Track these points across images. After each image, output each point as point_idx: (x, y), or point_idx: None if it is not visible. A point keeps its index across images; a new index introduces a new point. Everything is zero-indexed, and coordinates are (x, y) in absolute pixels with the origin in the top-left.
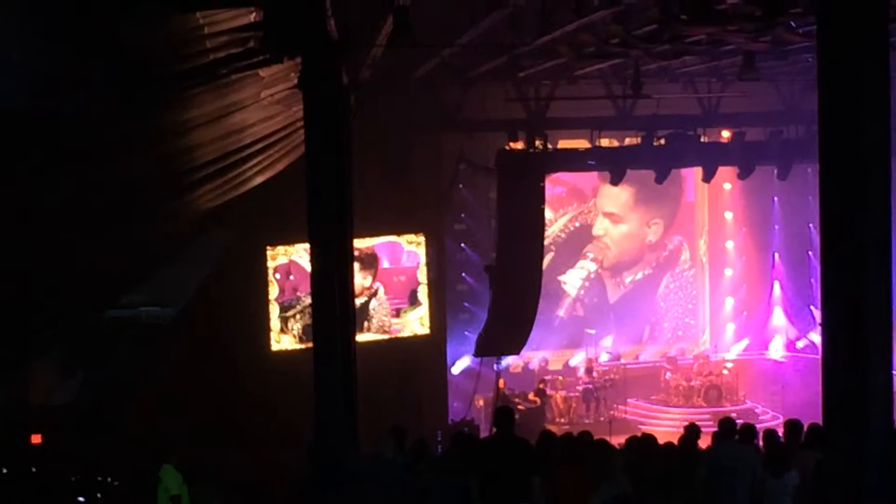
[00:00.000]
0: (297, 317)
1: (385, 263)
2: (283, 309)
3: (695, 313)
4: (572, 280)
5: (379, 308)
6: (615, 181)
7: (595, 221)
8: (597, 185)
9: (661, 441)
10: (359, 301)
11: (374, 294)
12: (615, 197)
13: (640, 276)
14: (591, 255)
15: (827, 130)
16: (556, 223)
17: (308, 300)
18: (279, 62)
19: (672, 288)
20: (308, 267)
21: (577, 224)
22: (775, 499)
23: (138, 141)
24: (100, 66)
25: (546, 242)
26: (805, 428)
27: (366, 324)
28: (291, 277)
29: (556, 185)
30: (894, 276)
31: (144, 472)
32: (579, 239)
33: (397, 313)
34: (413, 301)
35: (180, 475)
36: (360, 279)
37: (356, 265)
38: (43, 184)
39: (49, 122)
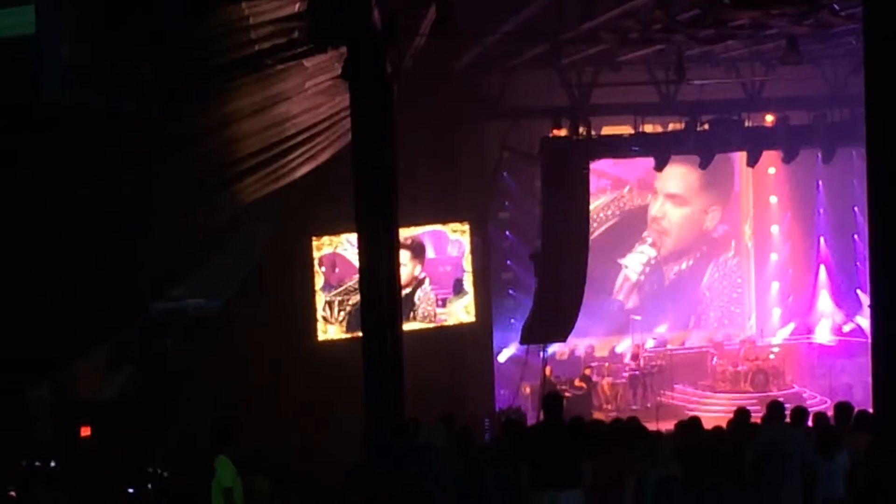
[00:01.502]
0: (344, 306)
1: (430, 253)
2: (329, 299)
3: (740, 300)
4: (633, 265)
5: (424, 298)
6: (659, 167)
7: (653, 202)
8: (642, 176)
9: (709, 426)
10: (405, 291)
11: (421, 284)
12: (681, 178)
13: (684, 265)
14: (649, 240)
15: (873, 113)
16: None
17: (354, 290)
18: (323, 52)
19: (717, 277)
20: (353, 258)
21: (625, 206)
22: (827, 481)
23: (184, 135)
24: (146, 60)
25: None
26: (854, 412)
27: (411, 314)
28: (337, 270)
29: (600, 177)
30: None
31: (195, 464)
32: (634, 222)
33: (443, 303)
34: (458, 290)
35: (234, 467)
36: (410, 268)
37: (406, 254)
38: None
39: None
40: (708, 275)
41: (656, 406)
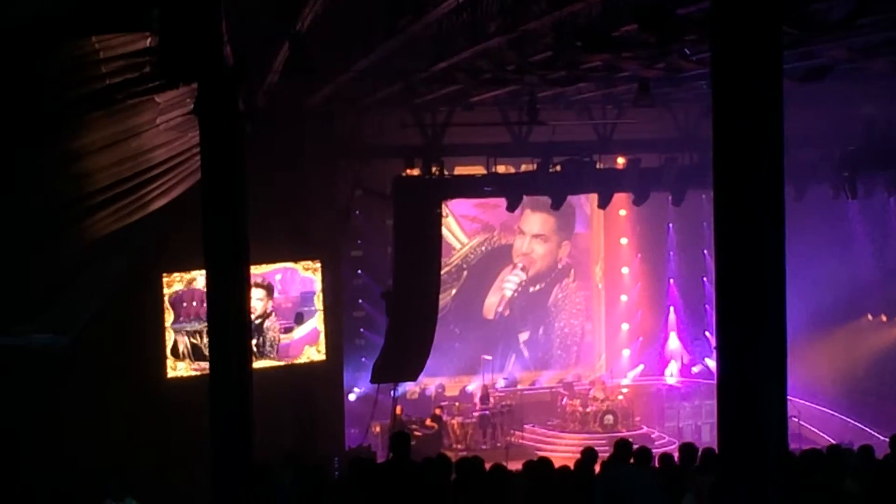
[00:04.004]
0: (190, 340)
1: (277, 291)
2: (177, 332)
3: (588, 336)
4: (509, 285)
5: (270, 326)
6: (512, 208)
7: (521, 240)
8: (505, 219)
9: (558, 466)
10: (254, 322)
11: (268, 315)
12: (543, 222)
13: (538, 287)
14: (520, 265)
15: (720, 157)
16: (466, 246)
17: (202, 324)
18: (175, 88)
19: (560, 297)
20: None
21: (488, 247)
22: None
23: (31, 168)
24: None
25: (458, 264)
26: (700, 452)
27: (259, 339)
28: (195, 303)
29: (471, 222)
30: (788, 303)
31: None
32: (496, 259)
33: (287, 331)
34: (298, 320)
35: None
36: (263, 304)
37: (260, 292)
38: None
39: None
40: (553, 295)
41: (506, 446)
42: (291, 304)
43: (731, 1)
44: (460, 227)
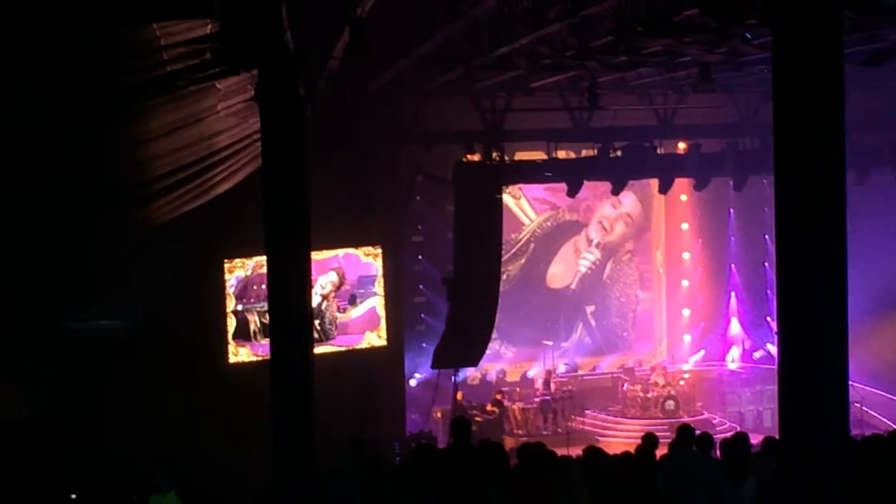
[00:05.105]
0: (260, 320)
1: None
2: (248, 311)
3: (650, 322)
4: (584, 262)
5: (328, 307)
6: (572, 193)
7: (592, 222)
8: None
9: (619, 452)
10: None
11: (327, 297)
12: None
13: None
14: (595, 241)
15: (782, 142)
16: (534, 222)
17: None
18: (236, 74)
19: (615, 270)
20: None
21: (553, 223)
22: None
23: (96, 154)
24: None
25: (528, 238)
26: (761, 439)
27: (316, 322)
28: (264, 286)
29: (541, 203)
30: (850, 288)
31: (106, 486)
32: (561, 234)
33: (343, 310)
34: (352, 302)
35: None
36: (331, 289)
37: (334, 275)
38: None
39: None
40: (608, 271)
41: (567, 431)
42: (349, 286)
43: None
44: (532, 207)
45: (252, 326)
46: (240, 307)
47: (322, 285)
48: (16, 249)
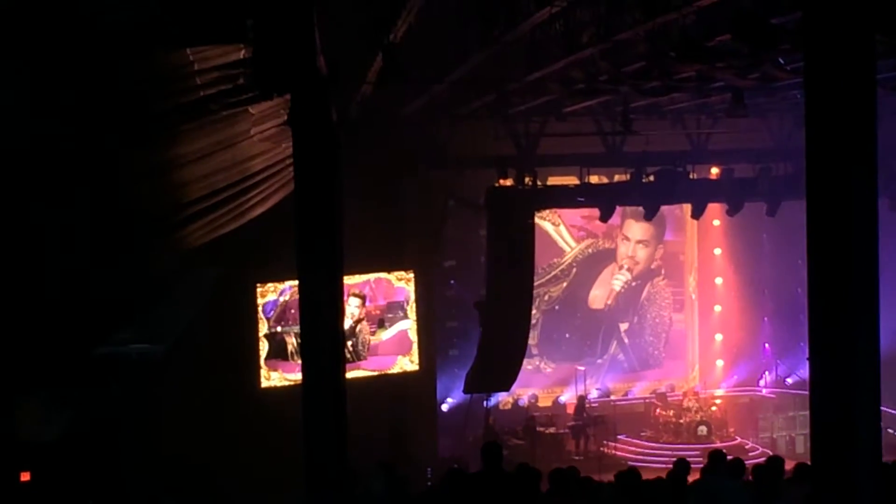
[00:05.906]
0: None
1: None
2: (286, 334)
3: (677, 325)
4: (617, 283)
5: (362, 329)
6: (605, 218)
7: (625, 244)
8: (605, 228)
9: (651, 477)
10: (346, 323)
11: (360, 321)
12: (644, 229)
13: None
14: (626, 266)
15: (813, 167)
16: (575, 249)
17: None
18: (269, 99)
19: (652, 293)
20: None
21: (593, 250)
22: None
23: (129, 177)
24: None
25: (570, 262)
26: (793, 465)
27: (352, 341)
28: (293, 311)
29: (578, 230)
30: (882, 313)
31: None
32: (600, 261)
33: (372, 333)
34: (381, 325)
35: None
36: (359, 313)
37: (357, 300)
38: (31, 220)
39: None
40: (645, 291)
41: (598, 457)
42: (379, 311)
43: (823, 10)
44: (570, 235)
45: (290, 347)
46: (277, 328)
47: (353, 307)
48: (50, 275)
